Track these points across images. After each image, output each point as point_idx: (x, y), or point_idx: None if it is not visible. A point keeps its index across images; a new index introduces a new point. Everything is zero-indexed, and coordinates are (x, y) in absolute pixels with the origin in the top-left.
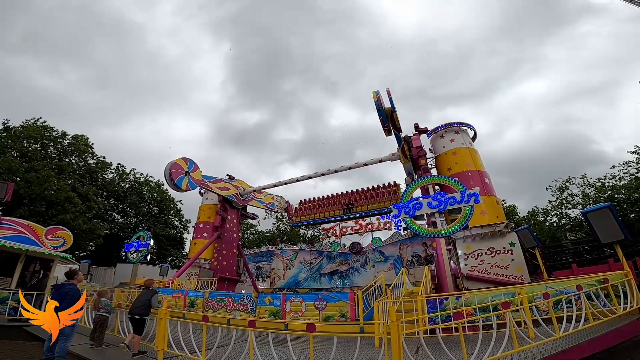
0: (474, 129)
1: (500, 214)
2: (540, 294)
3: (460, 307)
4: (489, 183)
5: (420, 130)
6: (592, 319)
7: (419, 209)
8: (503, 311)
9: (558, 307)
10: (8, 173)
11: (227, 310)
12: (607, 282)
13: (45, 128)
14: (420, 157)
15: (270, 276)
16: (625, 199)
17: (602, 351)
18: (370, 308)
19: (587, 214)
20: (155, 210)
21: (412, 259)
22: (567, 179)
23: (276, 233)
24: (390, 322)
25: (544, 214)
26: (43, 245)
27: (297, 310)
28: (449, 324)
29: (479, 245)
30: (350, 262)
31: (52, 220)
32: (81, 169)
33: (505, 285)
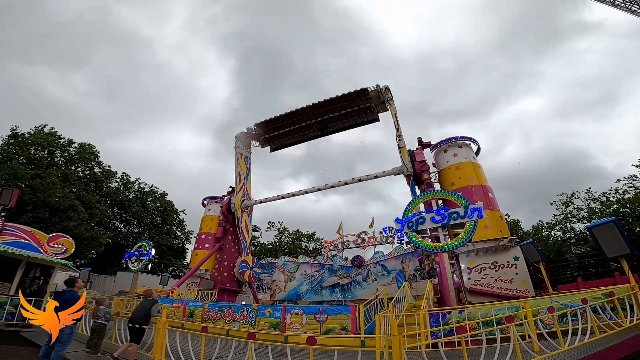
0: (478, 143)
1: (504, 229)
2: (545, 307)
3: (463, 321)
4: (493, 197)
5: (424, 144)
6: (598, 332)
7: (422, 224)
8: (507, 325)
9: (563, 320)
10: (14, 179)
11: (227, 321)
12: (614, 295)
13: (52, 135)
14: (423, 172)
15: (271, 288)
16: (631, 212)
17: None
18: (371, 321)
19: (593, 229)
20: (159, 220)
21: (415, 272)
22: (572, 193)
23: (278, 245)
24: (392, 335)
25: (548, 228)
26: (45, 252)
27: (298, 323)
28: (451, 338)
29: (483, 260)
30: (352, 275)
31: (55, 227)
32: (86, 177)
33: (510, 299)
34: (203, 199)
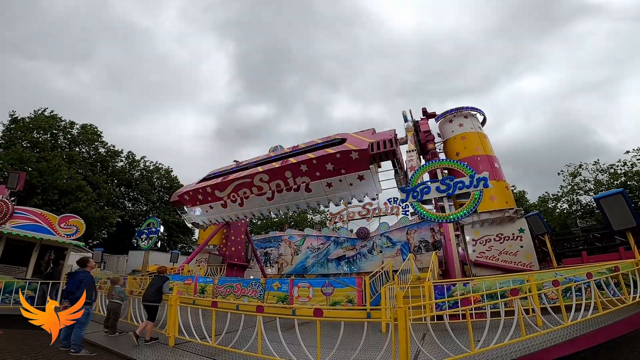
0: (484, 113)
1: (510, 200)
2: (550, 281)
3: (468, 294)
4: (499, 168)
5: (429, 114)
6: (602, 308)
7: (427, 193)
8: (511, 298)
9: (567, 295)
10: (20, 163)
11: (236, 296)
12: (618, 270)
13: (53, 118)
14: (428, 142)
15: (278, 262)
16: (639, 185)
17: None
18: (377, 294)
19: (600, 200)
20: (166, 197)
21: (420, 244)
22: (580, 165)
23: (284, 219)
24: (397, 307)
25: (555, 200)
26: (57, 233)
27: (305, 296)
28: (456, 310)
29: (488, 231)
30: (358, 247)
31: (65, 209)
32: (91, 157)
33: (514, 272)
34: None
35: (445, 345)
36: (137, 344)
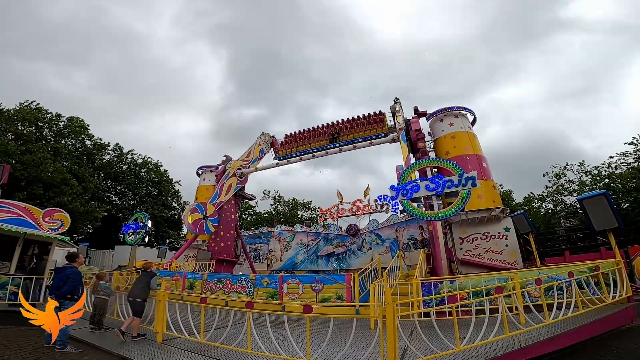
0: (474, 113)
1: (497, 199)
2: (533, 279)
3: (455, 291)
4: (487, 167)
5: (420, 113)
6: (582, 306)
7: (416, 191)
8: (496, 296)
9: (549, 293)
10: (4, 155)
11: (225, 292)
12: (599, 269)
13: (39, 110)
14: (418, 140)
15: (268, 258)
16: (621, 187)
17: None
18: (366, 290)
19: (583, 201)
20: (154, 191)
21: (409, 242)
22: (565, 165)
23: (274, 214)
24: (385, 304)
25: (540, 200)
26: (41, 228)
27: (295, 292)
28: (442, 308)
29: (475, 230)
30: (347, 244)
31: (50, 202)
32: (77, 150)
33: (499, 270)
34: (197, 168)
35: (432, 342)
36: (123, 341)
